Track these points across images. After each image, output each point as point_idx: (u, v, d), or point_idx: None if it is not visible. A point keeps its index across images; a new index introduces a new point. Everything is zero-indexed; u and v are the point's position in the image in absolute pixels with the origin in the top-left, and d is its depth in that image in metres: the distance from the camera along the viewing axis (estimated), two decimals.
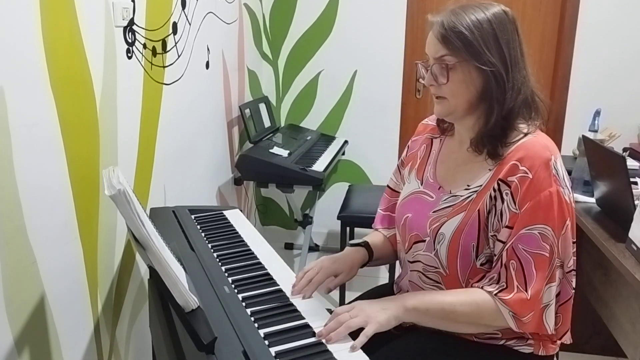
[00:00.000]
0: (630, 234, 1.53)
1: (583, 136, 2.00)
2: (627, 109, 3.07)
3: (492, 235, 1.15)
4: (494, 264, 1.15)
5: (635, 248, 1.50)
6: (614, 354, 2.34)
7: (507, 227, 1.12)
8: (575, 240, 1.17)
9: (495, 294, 1.11)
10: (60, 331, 1.39)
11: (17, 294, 1.23)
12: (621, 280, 1.75)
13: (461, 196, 1.20)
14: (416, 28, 3.25)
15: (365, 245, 1.39)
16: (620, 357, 2.32)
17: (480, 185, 1.17)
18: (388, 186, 1.47)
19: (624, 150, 2.69)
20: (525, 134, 1.15)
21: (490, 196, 1.15)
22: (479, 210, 1.15)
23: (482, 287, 1.15)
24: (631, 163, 2.25)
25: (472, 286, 1.18)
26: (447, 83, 1.15)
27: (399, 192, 1.43)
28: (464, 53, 1.12)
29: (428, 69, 1.19)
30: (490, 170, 1.17)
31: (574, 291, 1.21)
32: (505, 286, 1.11)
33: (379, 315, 1.10)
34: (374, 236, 1.46)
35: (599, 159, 1.83)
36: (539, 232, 1.09)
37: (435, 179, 1.28)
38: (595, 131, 2.50)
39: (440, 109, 1.20)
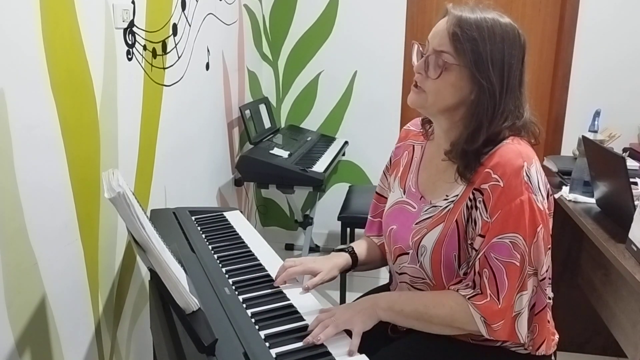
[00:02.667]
0: (630, 235, 1.53)
1: (583, 136, 2.00)
2: (627, 109, 3.07)
3: (469, 244, 1.15)
4: (468, 271, 1.15)
5: (635, 248, 1.50)
6: (614, 354, 2.34)
7: (480, 235, 1.11)
8: (550, 247, 1.15)
9: (469, 298, 1.11)
10: (61, 332, 1.39)
11: (18, 295, 1.23)
12: (621, 281, 1.75)
13: (440, 207, 1.19)
14: (416, 28, 3.25)
15: (351, 251, 1.38)
16: (620, 357, 2.32)
17: (457, 195, 1.17)
18: (376, 192, 1.46)
19: (624, 150, 2.68)
20: (501, 140, 1.13)
21: (467, 205, 1.14)
22: (456, 220, 1.15)
23: (457, 290, 1.14)
24: (631, 163, 2.25)
25: (448, 288, 1.18)
26: (436, 80, 1.12)
27: (386, 198, 1.42)
28: (467, 59, 1.09)
29: (424, 55, 1.15)
30: (464, 183, 1.16)
31: (550, 300, 1.20)
32: (480, 292, 1.11)
33: (360, 315, 1.12)
34: (362, 242, 1.45)
35: (599, 160, 1.83)
36: (510, 241, 1.08)
37: (417, 188, 1.27)
38: (595, 131, 2.50)
39: (415, 99, 1.17)
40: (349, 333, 1.10)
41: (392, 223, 1.30)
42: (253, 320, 1.12)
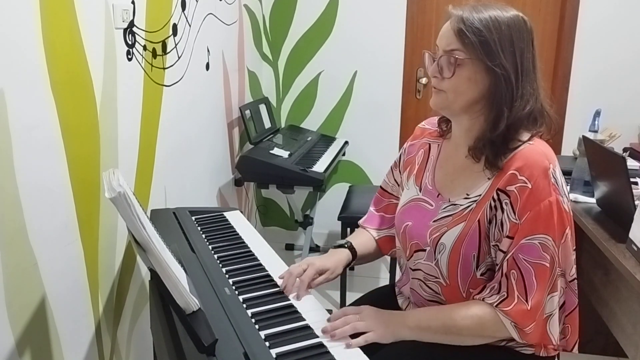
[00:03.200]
0: (631, 235, 1.53)
1: (583, 136, 2.00)
2: (627, 109, 3.07)
3: (493, 245, 1.15)
4: (495, 274, 1.15)
5: (635, 248, 1.50)
6: (614, 354, 2.34)
7: (507, 237, 1.11)
8: (575, 248, 1.16)
9: (496, 305, 1.11)
10: (61, 332, 1.39)
11: (18, 295, 1.23)
12: (622, 281, 1.75)
13: (461, 205, 1.19)
14: (416, 28, 3.25)
15: (349, 246, 1.39)
16: (621, 358, 2.32)
17: (480, 195, 1.17)
18: (381, 187, 1.46)
19: (624, 150, 2.68)
20: (523, 142, 1.14)
21: (490, 206, 1.14)
22: (479, 220, 1.15)
23: (483, 299, 1.14)
24: (631, 163, 2.25)
25: (472, 298, 1.17)
26: (452, 78, 1.13)
27: (390, 194, 1.42)
28: (477, 51, 1.10)
29: (435, 60, 1.17)
30: (489, 179, 1.16)
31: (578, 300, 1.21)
32: (506, 296, 1.11)
33: (382, 328, 1.11)
34: (358, 235, 1.45)
35: (599, 159, 1.83)
36: (539, 242, 1.09)
37: (434, 186, 1.27)
38: (596, 131, 2.49)
39: (437, 101, 1.18)
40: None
41: (407, 220, 1.30)
42: (253, 320, 1.12)
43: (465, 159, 1.20)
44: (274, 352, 1.01)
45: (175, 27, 2.03)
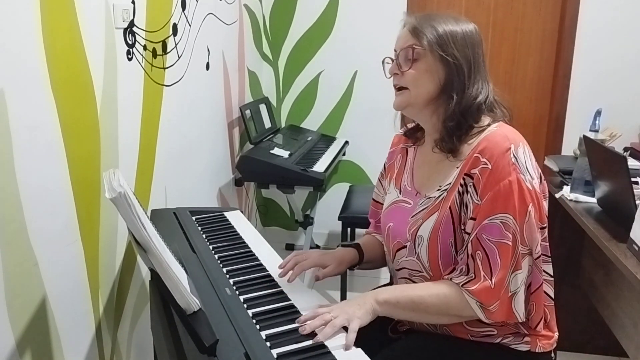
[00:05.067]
0: (632, 234, 1.53)
1: (584, 136, 2.00)
2: (628, 109, 3.07)
3: (463, 229, 1.17)
4: (461, 256, 1.17)
5: (636, 248, 1.49)
6: (615, 354, 2.34)
7: (471, 218, 1.14)
8: (544, 225, 1.17)
9: (462, 285, 1.13)
10: (61, 333, 1.39)
11: (18, 295, 1.23)
12: (623, 281, 1.75)
13: (434, 197, 1.22)
14: None
15: (357, 247, 1.40)
16: (621, 357, 2.32)
17: (450, 183, 1.19)
18: (373, 198, 1.49)
19: (625, 150, 2.68)
20: (488, 126, 1.18)
21: (459, 191, 1.16)
22: (450, 207, 1.17)
23: (450, 279, 1.16)
24: (632, 163, 2.25)
25: (442, 278, 1.19)
26: (410, 71, 1.19)
27: (382, 204, 1.44)
28: (433, 44, 1.17)
29: (394, 60, 1.24)
30: (457, 167, 1.19)
31: (549, 281, 1.22)
32: (473, 277, 1.13)
33: (357, 312, 1.12)
34: (367, 239, 1.47)
35: (600, 159, 1.83)
36: (500, 222, 1.10)
37: (413, 186, 1.30)
38: (596, 131, 2.49)
39: (400, 100, 1.24)
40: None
41: (390, 221, 1.32)
42: (254, 320, 1.11)
43: (437, 155, 1.24)
44: (275, 352, 1.01)
45: (175, 26, 2.03)
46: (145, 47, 1.79)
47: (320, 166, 2.75)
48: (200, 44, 2.30)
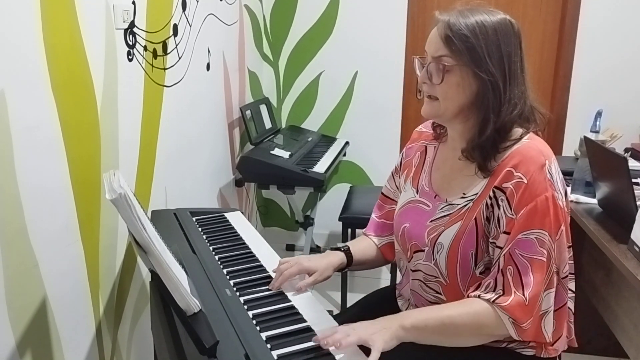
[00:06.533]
0: (633, 235, 1.53)
1: (584, 137, 2.00)
2: (629, 110, 3.06)
3: (491, 242, 1.14)
4: (491, 270, 1.14)
5: (637, 249, 1.49)
6: (615, 355, 2.34)
7: (504, 232, 1.11)
8: (570, 245, 1.16)
9: (493, 301, 1.09)
10: (62, 333, 1.39)
11: (18, 296, 1.23)
12: (623, 282, 1.75)
13: (458, 205, 1.19)
14: (417, 28, 3.25)
15: (346, 250, 1.38)
16: (622, 358, 2.31)
17: (476, 194, 1.17)
18: (382, 193, 1.46)
19: (626, 150, 2.68)
20: (520, 139, 1.14)
21: (487, 204, 1.14)
22: (475, 218, 1.15)
23: (479, 296, 1.13)
24: (633, 164, 2.25)
25: (468, 296, 1.16)
26: (441, 84, 1.14)
27: (392, 199, 1.42)
28: (464, 57, 1.10)
29: (424, 66, 1.18)
30: (485, 178, 1.16)
31: (572, 297, 1.21)
32: (502, 293, 1.10)
33: (382, 334, 1.06)
34: (359, 241, 1.45)
35: (600, 160, 1.83)
36: (535, 237, 1.08)
37: (431, 187, 1.28)
38: (597, 132, 2.49)
39: (429, 109, 1.19)
40: (363, 349, 1.05)
41: (405, 221, 1.30)
42: (254, 321, 1.11)
43: (460, 161, 1.21)
44: (275, 353, 1.01)
45: (175, 27, 2.03)
46: (145, 48, 1.79)
47: (320, 167, 2.75)
48: (201, 44, 2.30)
